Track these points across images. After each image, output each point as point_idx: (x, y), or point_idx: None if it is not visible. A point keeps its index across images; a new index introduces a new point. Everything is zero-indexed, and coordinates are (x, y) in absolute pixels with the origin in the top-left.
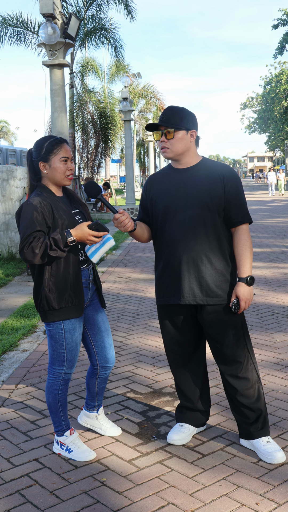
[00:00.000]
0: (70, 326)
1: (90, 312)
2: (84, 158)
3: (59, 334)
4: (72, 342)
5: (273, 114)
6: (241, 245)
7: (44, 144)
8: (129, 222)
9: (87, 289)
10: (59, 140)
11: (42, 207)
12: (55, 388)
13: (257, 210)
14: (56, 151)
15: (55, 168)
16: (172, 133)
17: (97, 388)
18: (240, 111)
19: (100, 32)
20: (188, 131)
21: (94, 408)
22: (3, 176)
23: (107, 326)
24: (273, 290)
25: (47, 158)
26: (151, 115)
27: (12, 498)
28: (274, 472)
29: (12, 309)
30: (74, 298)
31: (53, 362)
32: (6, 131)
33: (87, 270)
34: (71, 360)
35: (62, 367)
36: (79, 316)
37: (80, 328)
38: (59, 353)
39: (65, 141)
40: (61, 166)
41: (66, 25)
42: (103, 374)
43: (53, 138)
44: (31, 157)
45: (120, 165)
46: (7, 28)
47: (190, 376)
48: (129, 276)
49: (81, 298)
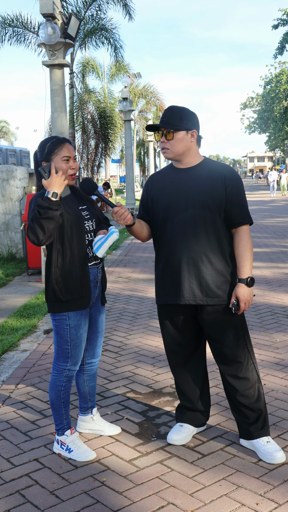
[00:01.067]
0: (76, 322)
1: (93, 312)
2: (84, 158)
3: (65, 329)
4: (77, 338)
5: (273, 114)
6: (242, 246)
7: (46, 144)
8: (128, 214)
9: (94, 287)
10: (60, 140)
11: None
12: (58, 385)
13: (257, 210)
14: (57, 150)
15: (57, 167)
16: (172, 134)
17: (86, 387)
18: (240, 111)
19: (100, 32)
20: (188, 132)
21: (87, 410)
22: (3, 176)
23: (103, 327)
24: (273, 290)
25: (49, 158)
26: (151, 115)
27: (12, 498)
28: (274, 472)
29: (12, 309)
30: (80, 290)
31: (58, 358)
32: (6, 131)
33: (96, 269)
34: (75, 357)
35: (66, 363)
36: (85, 308)
37: (85, 325)
38: (64, 349)
39: (67, 141)
40: (63, 165)
41: (66, 25)
42: (90, 370)
43: (55, 138)
44: (36, 158)
45: (120, 165)
46: (7, 28)
47: (190, 376)
48: (129, 276)
49: (88, 290)
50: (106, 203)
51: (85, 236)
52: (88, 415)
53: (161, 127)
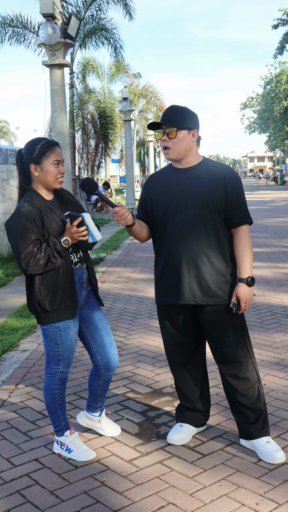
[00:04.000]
0: (64, 325)
1: (85, 311)
2: (84, 158)
3: (54, 333)
4: (67, 340)
5: (273, 114)
6: (242, 245)
7: (36, 146)
8: (129, 215)
9: (80, 288)
10: (51, 143)
11: (32, 215)
12: (53, 388)
13: (257, 210)
14: (48, 154)
15: (47, 171)
16: (175, 132)
17: (100, 390)
18: (240, 111)
19: (100, 32)
20: (190, 131)
21: (96, 410)
22: (3, 176)
23: (104, 324)
24: (273, 290)
25: (39, 161)
26: (151, 115)
27: (12, 498)
28: (274, 472)
29: (12, 309)
30: (67, 300)
31: (50, 362)
32: (6, 131)
33: (81, 270)
34: (67, 359)
35: (58, 366)
36: (73, 317)
37: (75, 327)
38: (55, 352)
39: (57, 144)
40: (53, 169)
41: (66, 25)
42: (107, 376)
43: (45, 140)
44: (21, 158)
45: (120, 165)
46: (7, 28)
47: (190, 376)
48: (129, 276)
49: (74, 299)
50: (107, 203)
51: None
52: (96, 416)
53: (164, 125)
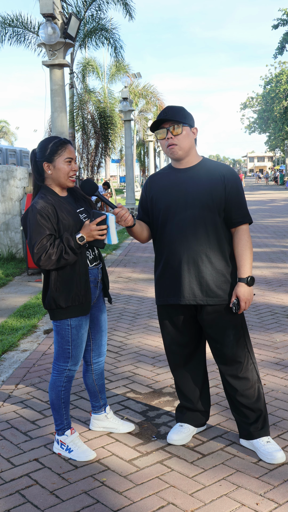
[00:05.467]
0: (77, 323)
1: (95, 312)
2: (84, 158)
3: (66, 330)
4: (78, 338)
5: (273, 114)
6: (242, 245)
7: (48, 144)
8: (129, 216)
9: (95, 287)
10: (63, 141)
11: (46, 211)
12: (59, 385)
13: (257, 210)
14: (60, 151)
15: (59, 168)
16: (181, 127)
17: (96, 385)
18: (240, 111)
19: (100, 32)
20: (191, 128)
21: (100, 408)
22: (3, 176)
23: (106, 326)
24: (273, 290)
25: (52, 159)
26: (151, 115)
27: (12, 498)
28: (274, 472)
29: (12, 309)
30: (81, 297)
31: (58, 358)
32: (6, 131)
33: (97, 269)
34: (76, 357)
35: (66, 363)
36: (86, 314)
37: (86, 325)
38: (65, 349)
39: (69, 142)
40: (65, 167)
41: (66, 25)
42: (97, 369)
43: (57, 138)
44: (35, 157)
45: (120, 165)
46: (7, 28)
47: (190, 376)
48: (129, 276)
49: (88, 297)
50: (106, 204)
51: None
52: (102, 413)
53: (168, 123)
